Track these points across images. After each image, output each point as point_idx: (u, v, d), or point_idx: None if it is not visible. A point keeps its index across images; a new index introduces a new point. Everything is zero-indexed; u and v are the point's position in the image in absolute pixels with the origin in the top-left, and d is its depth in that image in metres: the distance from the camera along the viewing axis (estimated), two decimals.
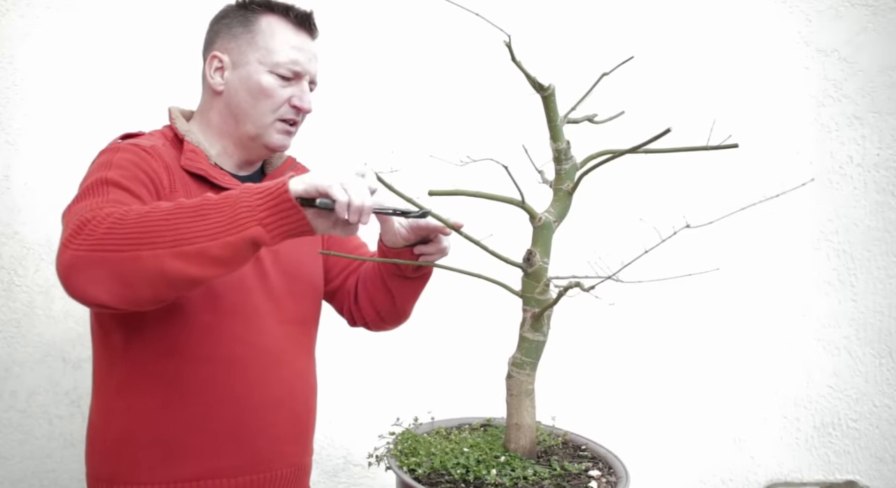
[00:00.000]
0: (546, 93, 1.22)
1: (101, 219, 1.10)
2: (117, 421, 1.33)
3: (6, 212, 2.02)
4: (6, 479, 2.04)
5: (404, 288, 1.51)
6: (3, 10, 2.00)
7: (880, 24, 2.34)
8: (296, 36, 1.43)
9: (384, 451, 1.28)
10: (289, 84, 1.42)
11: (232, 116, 1.43)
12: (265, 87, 1.40)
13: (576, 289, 1.17)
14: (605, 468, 1.28)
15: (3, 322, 2.04)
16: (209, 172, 1.37)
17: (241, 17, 1.43)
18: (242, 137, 1.43)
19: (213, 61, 1.43)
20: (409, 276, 1.49)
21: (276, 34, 1.41)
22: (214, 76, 1.43)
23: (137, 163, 1.30)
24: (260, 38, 1.41)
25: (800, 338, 2.39)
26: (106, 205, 1.18)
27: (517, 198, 1.25)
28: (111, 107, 2.05)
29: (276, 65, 1.40)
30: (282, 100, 1.41)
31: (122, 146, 1.33)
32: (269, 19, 1.42)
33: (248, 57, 1.41)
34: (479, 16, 1.28)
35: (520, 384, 1.27)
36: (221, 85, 1.43)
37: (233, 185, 1.39)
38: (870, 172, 2.36)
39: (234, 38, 1.42)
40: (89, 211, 1.14)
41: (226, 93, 1.42)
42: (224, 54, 1.42)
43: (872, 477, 2.42)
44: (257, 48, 1.40)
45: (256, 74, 1.40)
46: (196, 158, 1.38)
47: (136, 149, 1.32)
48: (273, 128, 1.42)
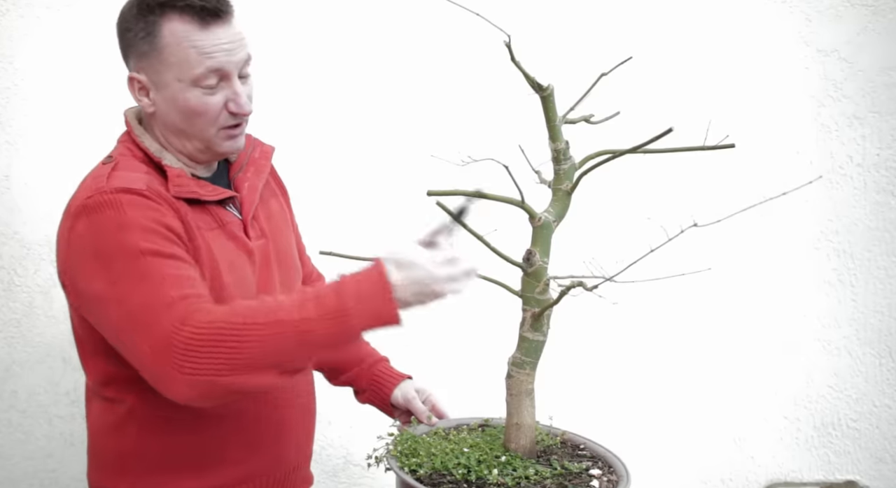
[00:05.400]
0: (545, 93, 1.23)
1: (194, 336, 1.08)
2: (129, 439, 1.32)
3: (6, 212, 2.02)
4: (6, 479, 2.04)
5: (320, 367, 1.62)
6: (3, 10, 2.00)
7: (880, 24, 2.34)
8: (206, 34, 1.26)
9: (384, 452, 1.28)
10: (217, 89, 1.28)
11: (173, 134, 1.33)
12: (194, 106, 1.27)
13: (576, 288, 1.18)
14: (605, 467, 1.28)
15: (3, 322, 2.03)
16: (198, 192, 1.31)
17: (143, 30, 1.28)
18: (192, 151, 1.34)
19: (133, 83, 1.31)
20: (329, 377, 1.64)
21: (183, 42, 1.25)
22: (141, 98, 1.31)
23: (157, 220, 1.20)
24: (168, 53, 1.26)
25: (800, 338, 2.39)
26: (172, 291, 1.12)
27: (517, 198, 1.25)
28: (111, 107, 2.04)
29: (197, 78, 1.26)
30: (216, 111, 1.29)
31: (122, 200, 1.21)
32: (171, 26, 1.25)
33: (164, 77, 1.27)
34: (479, 16, 1.28)
35: (520, 384, 1.27)
36: (151, 107, 1.31)
37: (217, 195, 1.34)
38: (870, 172, 2.36)
39: (143, 57, 1.29)
40: (166, 312, 1.10)
41: (157, 114, 1.32)
42: (140, 74, 1.30)
43: (872, 477, 2.42)
44: (170, 65, 1.26)
45: (181, 94, 1.27)
46: (182, 182, 1.31)
47: (139, 200, 1.22)
48: (218, 138, 1.32)
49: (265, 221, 1.44)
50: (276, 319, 1.09)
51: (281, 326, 1.08)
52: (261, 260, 1.39)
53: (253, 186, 1.42)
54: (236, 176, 1.43)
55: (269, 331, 1.08)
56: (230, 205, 1.39)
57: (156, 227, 1.20)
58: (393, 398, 1.55)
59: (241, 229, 1.37)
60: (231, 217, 1.37)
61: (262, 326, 1.08)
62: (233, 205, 1.39)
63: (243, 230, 1.38)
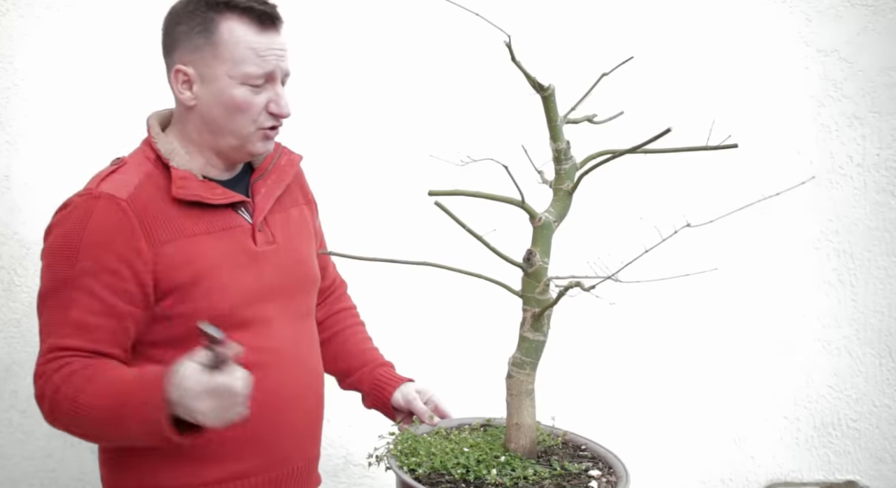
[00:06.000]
0: (546, 93, 1.22)
1: (48, 394, 1.26)
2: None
3: (6, 212, 2.02)
4: (6, 479, 2.04)
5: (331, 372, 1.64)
6: (3, 10, 2.00)
7: (880, 24, 2.34)
8: (262, 37, 1.33)
9: (384, 451, 1.28)
10: (262, 89, 1.34)
11: (209, 131, 1.36)
12: (240, 102, 1.33)
13: (576, 288, 1.18)
14: (605, 468, 1.28)
15: (3, 322, 2.03)
16: (202, 196, 1.34)
17: (199, 25, 1.32)
18: (224, 148, 1.38)
19: (178, 75, 1.35)
20: (339, 381, 1.66)
21: (241, 41, 1.31)
22: (183, 91, 1.35)
23: (112, 247, 1.28)
24: (224, 49, 1.31)
25: (800, 339, 2.39)
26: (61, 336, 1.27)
27: (517, 198, 1.25)
28: (111, 107, 2.05)
29: (248, 76, 1.32)
30: (258, 109, 1.35)
31: (95, 208, 1.28)
32: (230, 24, 1.31)
33: (215, 70, 1.32)
34: (479, 16, 1.28)
35: (520, 384, 1.27)
36: (193, 100, 1.35)
37: (226, 199, 1.37)
38: (870, 172, 2.36)
39: (196, 50, 1.33)
40: (44, 351, 1.28)
41: (198, 107, 1.35)
42: (188, 67, 1.34)
43: (872, 477, 2.42)
44: (223, 61, 1.31)
45: (228, 89, 1.32)
46: (186, 185, 1.33)
47: (112, 212, 1.28)
48: (254, 137, 1.37)
49: (280, 228, 1.45)
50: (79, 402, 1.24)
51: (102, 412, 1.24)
52: (266, 266, 1.40)
53: (269, 193, 1.44)
54: (256, 181, 1.44)
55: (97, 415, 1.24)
56: (242, 209, 1.39)
57: (105, 259, 1.28)
58: (394, 400, 1.55)
59: (248, 234, 1.38)
60: (240, 221, 1.38)
61: (74, 406, 1.24)
62: (245, 210, 1.40)
63: (251, 235, 1.38)
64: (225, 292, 1.34)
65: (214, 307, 1.32)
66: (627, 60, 1.30)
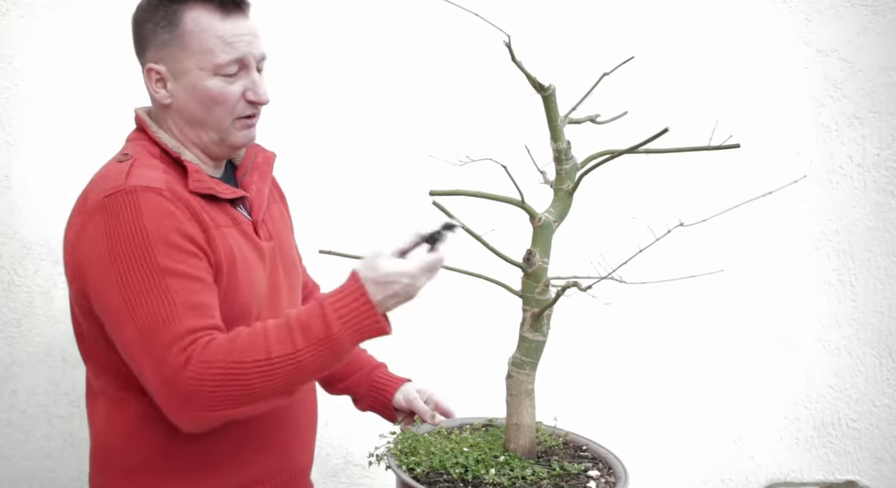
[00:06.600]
0: (546, 93, 1.22)
1: (197, 377, 1.14)
2: (140, 445, 1.31)
3: (6, 212, 2.02)
4: (6, 479, 2.04)
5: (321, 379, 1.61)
6: (3, 10, 2.00)
7: (880, 24, 2.34)
8: (228, 23, 1.29)
9: (384, 451, 1.29)
10: (237, 78, 1.30)
11: (189, 126, 1.33)
12: (214, 94, 1.29)
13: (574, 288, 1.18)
14: (604, 468, 1.28)
15: (3, 322, 2.03)
16: (215, 189, 1.32)
17: (164, 19, 1.29)
18: (206, 143, 1.35)
19: (151, 74, 1.31)
20: (326, 386, 1.63)
21: (206, 30, 1.27)
22: (158, 90, 1.32)
23: (175, 228, 1.21)
24: (190, 40, 1.28)
25: (800, 338, 2.39)
26: (181, 321, 1.17)
27: (517, 198, 1.25)
28: (111, 107, 2.05)
29: (218, 66, 1.28)
30: (235, 99, 1.31)
31: (141, 203, 1.21)
32: (193, 14, 1.28)
33: (185, 64, 1.29)
34: (478, 16, 1.28)
35: (519, 384, 1.27)
36: (168, 98, 1.32)
37: (232, 193, 1.35)
38: (870, 172, 2.36)
39: (164, 46, 1.29)
40: (173, 345, 1.15)
41: (174, 105, 1.32)
42: (160, 65, 1.30)
43: (872, 477, 2.42)
44: (192, 53, 1.28)
45: (201, 82, 1.29)
46: (201, 178, 1.31)
47: (158, 203, 1.22)
48: (233, 128, 1.34)
49: (272, 225, 1.45)
50: (272, 356, 1.15)
51: (278, 362, 1.15)
52: (270, 261, 1.40)
53: (260, 190, 1.43)
54: (243, 179, 1.44)
55: (267, 367, 1.15)
56: (240, 206, 1.39)
57: (176, 240, 1.21)
58: (395, 401, 1.55)
59: (252, 229, 1.38)
60: (242, 217, 1.38)
61: (260, 363, 1.15)
62: (242, 207, 1.40)
63: (254, 230, 1.38)
64: (246, 286, 1.32)
65: (234, 299, 1.29)
66: (628, 60, 1.30)
